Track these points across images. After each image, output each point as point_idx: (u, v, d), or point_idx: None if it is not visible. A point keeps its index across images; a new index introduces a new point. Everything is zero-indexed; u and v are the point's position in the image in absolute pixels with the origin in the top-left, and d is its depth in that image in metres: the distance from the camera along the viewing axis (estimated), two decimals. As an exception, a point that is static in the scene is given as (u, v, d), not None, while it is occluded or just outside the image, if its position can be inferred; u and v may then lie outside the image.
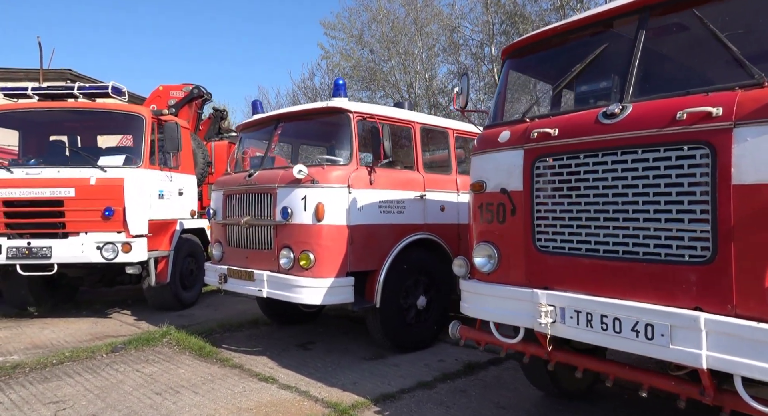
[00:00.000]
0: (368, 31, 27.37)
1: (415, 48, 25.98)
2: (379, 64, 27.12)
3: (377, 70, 26.66)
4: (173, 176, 7.10)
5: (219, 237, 5.32)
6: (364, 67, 26.90)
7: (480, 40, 23.39)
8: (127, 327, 6.19)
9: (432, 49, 26.30)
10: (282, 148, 6.69)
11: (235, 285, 4.87)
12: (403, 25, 26.44)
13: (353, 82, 27.03)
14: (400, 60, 26.52)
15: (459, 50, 25.06)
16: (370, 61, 27.19)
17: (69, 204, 6.03)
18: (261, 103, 5.75)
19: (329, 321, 6.25)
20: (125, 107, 6.65)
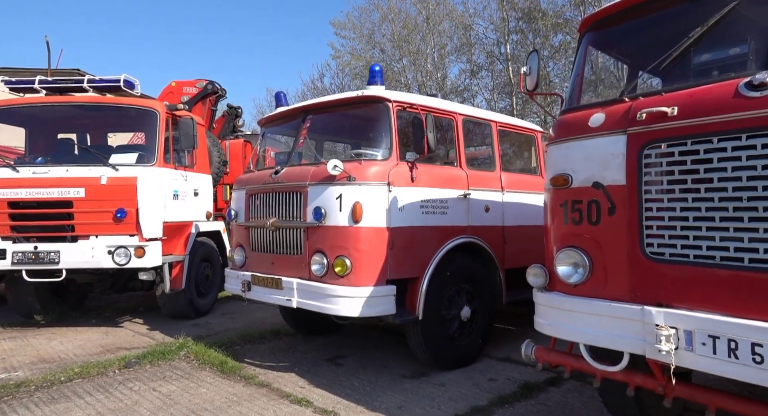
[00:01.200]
0: (378, 30, 26.97)
1: (426, 47, 25.56)
2: (390, 63, 26.71)
3: (388, 69, 26.24)
4: (188, 176, 6.68)
5: (241, 241, 4.87)
6: (376, 67, 26.45)
7: (495, 39, 22.91)
8: (140, 337, 5.75)
9: (444, 48, 25.88)
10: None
11: (261, 294, 4.41)
12: (414, 23, 26.03)
13: (364, 83, 26.67)
14: (411, 60, 26.11)
15: (472, 49, 24.62)
16: (381, 60, 26.80)
17: (78, 205, 5.62)
18: (285, 94, 5.30)
19: (356, 332, 5.78)
20: (138, 102, 6.23)
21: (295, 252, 4.21)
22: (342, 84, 28.97)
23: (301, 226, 4.12)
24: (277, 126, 5.20)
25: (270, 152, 10.10)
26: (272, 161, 5.79)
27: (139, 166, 5.88)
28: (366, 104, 4.22)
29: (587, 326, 2.26)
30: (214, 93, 8.64)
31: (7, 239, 5.64)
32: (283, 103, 5.22)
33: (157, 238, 5.86)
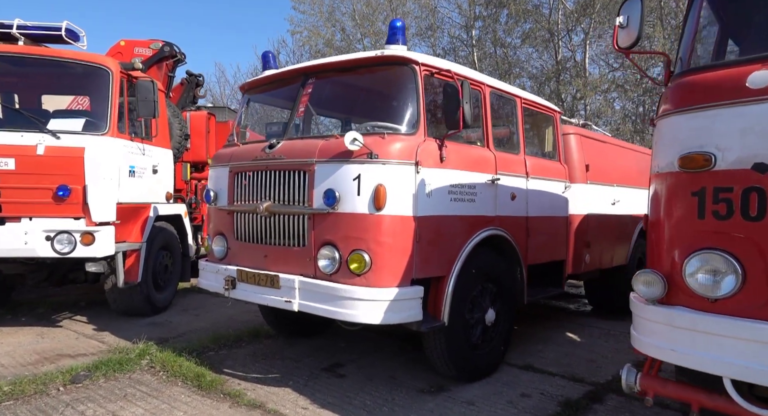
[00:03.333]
0: (340, 7, 25.77)
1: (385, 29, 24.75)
2: (351, 43, 25.67)
3: (351, 50, 25.19)
4: (146, 149, 5.65)
5: (222, 228, 4.03)
6: (336, 46, 25.37)
7: (461, 23, 22.48)
8: (86, 340, 4.78)
9: (408, 31, 25.18)
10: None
11: (250, 293, 3.63)
12: (377, 2, 25.12)
13: (325, 62, 25.42)
14: (372, 40, 25.21)
15: (436, 33, 24.09)
16: (342, 40, 25.71)
17: (6, 180, 4.52)
18: (274, 55, 4.46)
19: (346, 333, 5.10)
20: (85, 57, 5.11)
21: (295, 244, 3.46)
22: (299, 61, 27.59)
23: (306, 212, 3.37)
24: (266, 92, 4.35)
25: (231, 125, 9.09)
26: (254, 136, 4.95)
27: (88, 134, 4.82)
28: (387, 67, 3.50)
29: (736, 355, 1.74)
30: (172, 57, 7.47)
31: None
32: (272, 65, 4.37)
33: (109, 222, 4.86)
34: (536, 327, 5.27)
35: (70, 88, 5.81)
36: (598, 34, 18.79)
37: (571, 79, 18.24)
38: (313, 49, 25.70)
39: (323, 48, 25.44)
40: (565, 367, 4.09)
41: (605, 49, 18.89)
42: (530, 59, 21.48)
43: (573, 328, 5.48)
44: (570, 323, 5.80)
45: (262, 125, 5.93)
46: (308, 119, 4.34)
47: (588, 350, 4.62)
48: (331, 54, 25.69)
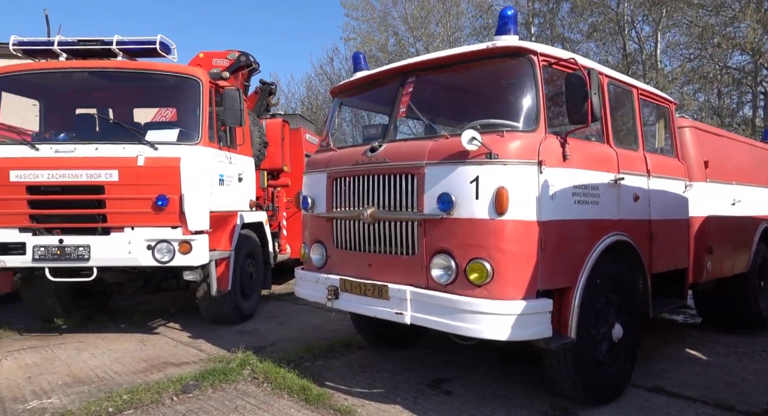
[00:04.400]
0: (393, 10, 25.71)
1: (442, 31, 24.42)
2: (405, 48, 25.55)
3: (404, 54, 25.09)
4: (232, 158, 5.71)
5: (319, 236, 3.92)
6: (389, 51, 25.37)
7: (522, 20, 21.69)
8: (185, 348, 4.83)
9: (461, 31, 24.75)
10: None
11: (355, 304, 3.47)
12: (431, 4, 24.84)
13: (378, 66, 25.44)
14: (425, 44, 24.99)
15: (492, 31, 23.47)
16: (395, 44, 25.65)
17: (111, 191, 4.67)
18: (364, 56, 4.32)
19: (438, 341, 4.84)
20: (178, 68, 5.24)
21: (404, 252, 3.26)
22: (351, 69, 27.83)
23: (415, 218, 3.16)
24: (358, 94, 4.22)
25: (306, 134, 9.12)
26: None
27: (182, 144, 4.91)
28: (500, 59, 3.24)
29: None
30: (247, 66, 7.59)
31: (26, 230, 4.70)
32: (363, 66, 4.25)
33: (203, 231, 4.91)
34: (649, 342, 4.76)
35: (162, 100, 6.00)
36: (673, 23, 17.52)
37: (645, 72, 17.06)
38: (367, 55, 25.84)
39: (377, 53, 25.52)
40: (702, 391, 3.61)
41: (679, 39, 17.61)
42: (592, 54, 20.36)
43: (692, 343, 4.92)
44: (685, 337, 5.22)
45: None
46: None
47: (721, 370, 4.08)
48: (385, 59, 25.72)
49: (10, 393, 3.56)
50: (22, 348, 4.76)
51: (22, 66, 5.06)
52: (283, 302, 7.34)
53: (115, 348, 4.77)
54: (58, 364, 4.26)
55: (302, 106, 27.91)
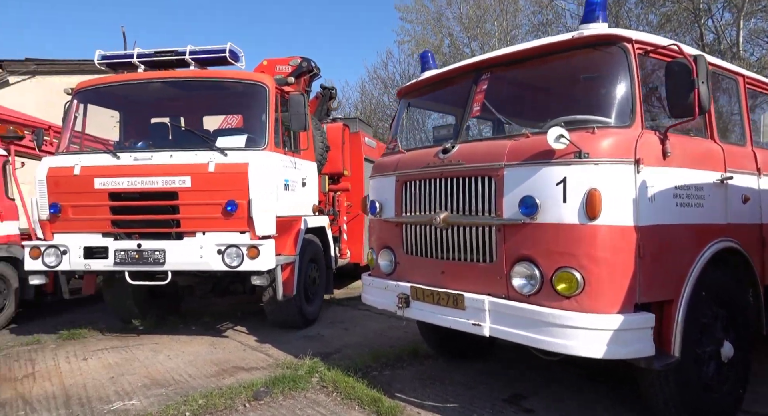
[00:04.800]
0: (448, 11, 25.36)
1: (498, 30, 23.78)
2: (460, 49, 25.13)
3: (459, 55, 24.68)
4: (297, 163, 5.74)
5: (388, 241, 3.79)
6: (443, 52, 25.04)
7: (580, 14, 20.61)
8: (253, 352, 4.87)
9: (519, 29, 23.98)
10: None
11: (427, 313, 3.31)
12: (488, 2, 24.26)
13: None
14: (479, 44, 24.45)
15: (551, 28, 22.52)
16: (449, 45, 25.30)
17: (184, 197, 4.81)
18: (432, 54, 4.17)
19: (511, 353, 4.56)
20: (245, 75, 5.35)
21: (480, 259, 3.05)
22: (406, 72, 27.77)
23: (494, 223, 2.95)
24: (426, 94, 4.07)
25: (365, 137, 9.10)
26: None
27: (250, 150, 4.98)
28: (588, 49, 2.96)
29: None
30: (309, 71, 7.66)
31: (107, 235, 4.95)
32: (431, 65, 4.10)
33: (270, 236, 4.95)
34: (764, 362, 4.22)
35: (230, 107, 6.15)
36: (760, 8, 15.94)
37: (731, 63, 15.61)
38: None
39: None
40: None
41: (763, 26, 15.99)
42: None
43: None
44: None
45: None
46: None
47: None
48: (440, 60, 25.42)
49: (95, 392, 3.72)
50: (104, 348, 5.00)
51: (104, 79, 5.36)
52: (344, 306, 7.30)
53: (188, 351, 4.90)
54: (137, 365, 4.41)
55: (356, 110, 28.22)
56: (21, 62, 14.05)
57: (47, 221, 4.94)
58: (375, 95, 28.50)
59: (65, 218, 4.93)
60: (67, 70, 14.11)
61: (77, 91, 5.38)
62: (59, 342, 5.28)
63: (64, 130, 5.31)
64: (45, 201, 4.92)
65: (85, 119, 5.49)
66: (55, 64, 14.34)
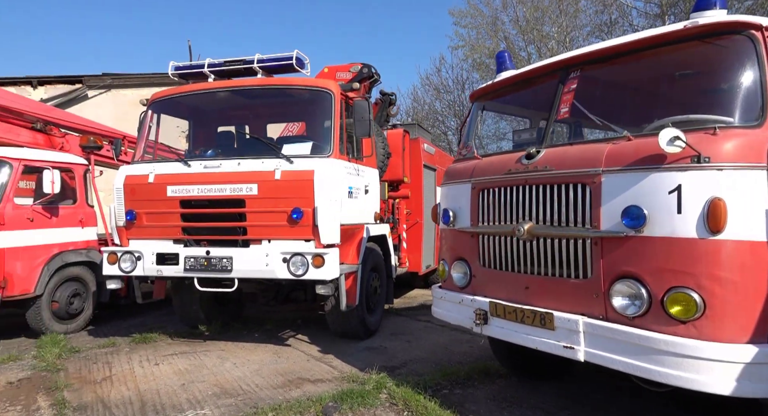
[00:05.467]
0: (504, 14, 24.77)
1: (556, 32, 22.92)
2: (515, 52, 24.44)
3: (515, 59, 24.01)
4: (360, 170, 5.64)
5: (462, 252, 3.57)
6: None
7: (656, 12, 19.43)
8: (317, 363, 4.77)
9: (579, 30, 23.00)
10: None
11: (510, 332, 3.05)
12: (546, 4, 23.48)
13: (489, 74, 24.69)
14: (536, 47, 23.68)
15: (613, 28, 21.40)
16: (504, 49, 24.66)
17: (251, 204, 4.82)
18: (509, 54, 3.92)
19: (593, 375, 4.17)
20: (311, 82, 5.33)
21: (573, 275, 2.77)
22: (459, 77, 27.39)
23: (589, 236, 2.66)
24: (504, 96, 3.82)
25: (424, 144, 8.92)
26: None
27: (315, 157, 4.92)
28: (705, 40, 2.61)
29: None
30: (369, 77, 7.58)
31: (178, 242, 5.05)
32: (509, 65, 3.85)
33: (334, 244, 4.86)
34: None
35: (296, 114, 6.16)
36: None
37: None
38: (477, 63, 25.22)
39: (486, 60, 24.85)
40: None
41: None
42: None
43: None
44: None
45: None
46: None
47: None
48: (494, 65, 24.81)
49: (168, 399, 3.74)
50: (174, 353, 5.09)
51: (177, 89, 5.51)
52: (403, 317, 7.11)
53: (253, 359, 4.88)
54: (206, 372, 4.43)
55: (407, 117, 28.16)
56: (98, 77, 15.07)
57: (123, 227, 5.12)
58: (427, 101, 28.33)
59: (140, 224, 5.08)
60: (139, 83, 15.00)
61: (152, 102, 5.58)
62: (132, 345, 5.44)
63: (140, 139, 5.51)
64: (122, 208, 5.10)
65: (158, 129, 5.67)
66: (129, 77, 15.26)
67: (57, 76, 15.35)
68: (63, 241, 5.95)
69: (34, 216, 5.66)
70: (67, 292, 5.97)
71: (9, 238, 5.33)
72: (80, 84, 15.02)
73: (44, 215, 5.79)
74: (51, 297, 5.79)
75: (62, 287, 5.93)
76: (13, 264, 5.33)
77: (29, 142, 6.39)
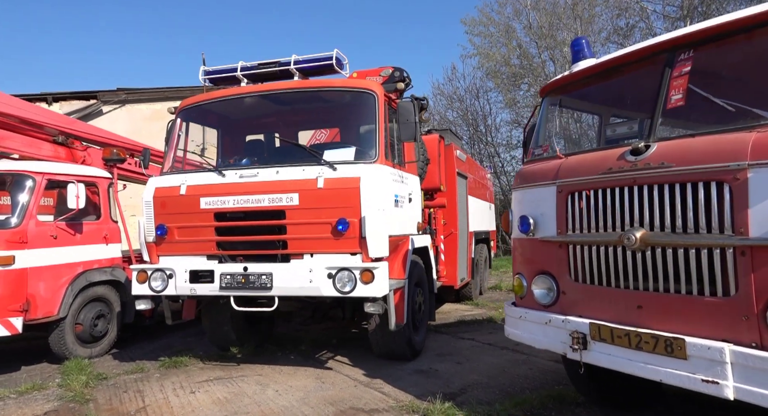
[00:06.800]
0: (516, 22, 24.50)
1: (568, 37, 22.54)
2: (531, 60, 24.12)
3: (530, 66, 23.68)
4: (403, 176, 5.22)
5: (545, 265, 3.12)
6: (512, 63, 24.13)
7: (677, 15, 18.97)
8: (366, 390, 4.31)
9: (597, 35, 22.64)
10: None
11: (621, 360, 2.57)
12: (560, 10, 23.20)
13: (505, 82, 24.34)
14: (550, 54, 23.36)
15: (632, 32, 20.98)
16: (519, 57, 24.33)
17: (291, 216, 4.41)
18: (587, 40, 3.50)
19: (683, 404, 3.65)
20: (352, 83, 4.96)
21: (708, 291, 2.30)
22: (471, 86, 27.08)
23: (733, 244, 2.20)
24: (584, 88, 3.39)
25: (457, 150, 8.51)
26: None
27: (360, 163, 4.52)
28: None
29: None
30: (401, 81, 7.21)
31: (212, 257, 4.65)
32: (587, 54, 3.41)
33: (382, 257, 4.42)
34: None
35: (334, 118, 5.77)
36: None
37: None
38: (491, 70, 24.92)
39: (500, 67, 24.57)
40: None
41: None
42: None
43: None
44: None
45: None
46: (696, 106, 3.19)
47: None
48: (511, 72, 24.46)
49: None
50: (209, 379, 4.66)
51: (208, 95, 5.16)
52: (444, 335, 6.62)
53: (295, 385, 4.42)
54: (248, 402, 3.98)
55: (422, 125, 27.88)
56: (113, 92, 14.93)
57: (153, 243, 4.73)
58: (440, 111, 28.04)
59: (171, 239, 4.70)
60: (153, 97, 14.85)
61: (181, 109, 5.23)
62: (162, 370, 5.02)
63: (168, 149, 5.15)
64: (151, 223, 4.72)
65: (187, 138, 5.32)
66: (143, 92, 15.11)
67: (72, 92, 15.26)
68: (87, 259, 5.58)
69: (57, 233, 5.30)
70: (92, 313, 5.58)
71: (32, 257, 4.97)
72: (95, 99, 14.89)
73: (68, 232, 5.43)
74: (75, 319, 5.40)
75: (86, 308, 5.54)
76: (36, 285, 4.96)
77: (51, 156, 6.07)
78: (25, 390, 4.41)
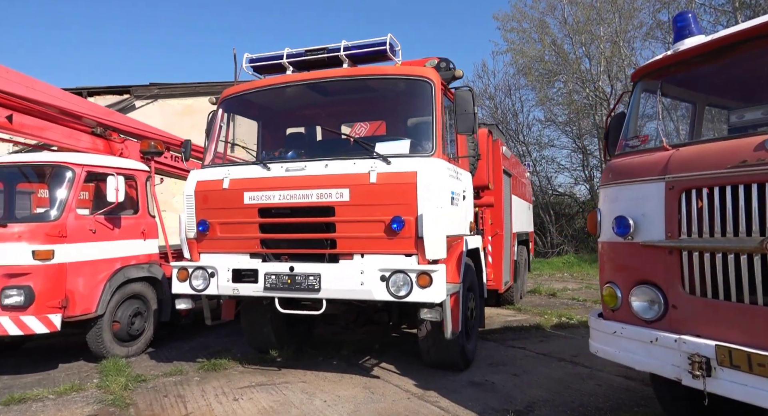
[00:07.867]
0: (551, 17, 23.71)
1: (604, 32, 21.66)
2: (566, 56, 23.29)
3: (565, 63, 22.87)
4: (458, 172, 4.83)
5: (648, 274, 2.69)
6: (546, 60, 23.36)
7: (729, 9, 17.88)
8: (421, 403, 3.95)
9: (638, 30, 21.69)
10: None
11: (764, 393, 2.13)
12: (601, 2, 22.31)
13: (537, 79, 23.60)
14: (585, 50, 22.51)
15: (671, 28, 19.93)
16: (553, 53, 23.54)
17: (341, 212, 4.08)
18: (694, 15, 3.05)
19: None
20: (406, 71, 4.58)
21: None
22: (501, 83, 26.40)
23: None
24: (687, 71, 2.94)
25: (503, 146, 8.04)
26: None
27: (416, 157, 4.15)
28: None
29: None
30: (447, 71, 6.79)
31: (255, 256, 4.36)
32: (694, 30, 2.96)
33: (439, 260, 4.05)
34: None
35: (386, 108, 5.37)
36: None
37: None
38: (524, 67, 24.22)
39: (534, 64, 23.85)
40: None
41: None
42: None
43: None
44: None
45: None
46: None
47: None
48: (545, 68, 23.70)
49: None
50: (251, 385, 4.37)
51: (251, 84, 4.87)
52: (491, 342, 6.20)
53: (343, 395, 4.09)
54: (296, 413, 3.67)
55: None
56: (146, 87, 14.96)
57: (194, 239, 4.47)
58: (471, 109, 27.48)
59: (212, 236, 4.43)
60: (185, 92, 14.81)
61: (223, 100, 4.96)
62: (202, 373, 4.77)
63: (210, 141, 4.88)
64: (192, 218, 4.47)
65: (228, 130, 5.05)
66: (175, 87, 15.10)
67: (106, 87, 15.37)
68: (125, 254, 5.39)
69: (96, 227, 5.11)
70: (129, 311, 5.38)
71: (71, 252, 4.78)
72: (128, 94, 14.95)
73: (107, 227, 5.24)
74: (112, 317, 5.20)
75: (123, 305, 5.34)
76: (75, 281, 4.77)
77: (89, 147, 5.91)
78: (64, 391, 4.21)
